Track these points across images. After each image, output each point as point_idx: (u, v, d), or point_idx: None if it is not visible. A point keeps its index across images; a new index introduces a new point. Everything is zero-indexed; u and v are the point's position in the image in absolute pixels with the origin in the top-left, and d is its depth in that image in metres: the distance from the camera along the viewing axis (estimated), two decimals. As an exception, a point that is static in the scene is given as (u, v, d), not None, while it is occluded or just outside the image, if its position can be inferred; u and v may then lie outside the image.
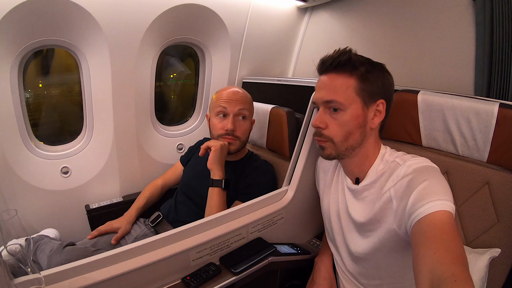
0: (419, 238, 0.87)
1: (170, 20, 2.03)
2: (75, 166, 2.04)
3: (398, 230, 1.05)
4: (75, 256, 1.42)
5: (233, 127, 1.67)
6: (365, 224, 1.19)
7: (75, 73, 2.01)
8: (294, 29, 2.78)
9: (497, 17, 1.57)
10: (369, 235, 1.19)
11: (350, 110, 1.13)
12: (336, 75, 1.14)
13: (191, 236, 1.23)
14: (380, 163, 1.20)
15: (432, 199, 0.91)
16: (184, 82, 2.76)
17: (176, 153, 2.45)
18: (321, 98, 1.15)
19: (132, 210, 1.88)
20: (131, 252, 1.10)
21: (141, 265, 1.09)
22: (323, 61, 1.18)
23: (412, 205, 0.95)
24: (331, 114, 1.14)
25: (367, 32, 2.33)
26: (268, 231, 1.49)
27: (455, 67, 1.81)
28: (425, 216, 0.89)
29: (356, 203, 1.24)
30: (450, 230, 0.85)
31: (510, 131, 1.18)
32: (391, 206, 1.08)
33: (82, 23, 1.77)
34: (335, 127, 1.14)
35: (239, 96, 1.70)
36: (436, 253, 0.79)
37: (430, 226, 0.87)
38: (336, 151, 1.16)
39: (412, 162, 1.08)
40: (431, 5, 1.90)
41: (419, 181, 0.99)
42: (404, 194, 1.02)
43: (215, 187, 1.57)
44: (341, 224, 1.31)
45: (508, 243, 1.21)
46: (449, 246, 0.80)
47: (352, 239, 1.27)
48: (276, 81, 2.32)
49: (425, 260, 0.80)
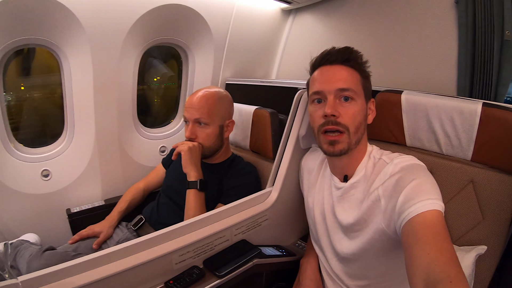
0: (411, 238, 0.87)
1: (153, 20, 2.01)
2: (56, 169, 2.00)
3: (387, 229, 1.05)
4: (54, 261, 1.38)
5: (192, 134, 1.67)
6: (352, 224, 1.19)
7: (57, 74, 1.97)
8: (278, 31, 2.79)
9: (479, 20, 1.60)
10: (356, 235, 1.19)
11: (359, 101, 1.15)
12: (345, 67, 1.16)
13: (174, 239, 1.21)
14: (368, 160, 1.21)
15: (422, 198, 0.91)
16: (168, 85, 2.73)
17: (159, 156, 2.42)
18: (334, 86, 1.13)
19: (114, 213, 1.86)
20: (112, 255, 1.07)
21: (123, 269, 1.06)
22: (329, 53, 1.19)
23: (402, 204, 0.95)
24: (342, 104, 1.14)
25: (350, 34, 2.34)
26: (253, 233, 1.48)
27: (438, 68, 1.84)
28: (416, 215, 0.89)
29: (343, 202, 1.24)
30: (442, 230, 0.85)
31: (494, 130, 1.21)
32: (379, 205, 1.08)
33: (64, 22, 1.73)
34: (348, 116, 1.13)
35: (196, 103, 1.67)
36: (429, 254, 0.79)
37: (422, 226, 0.87)
38: (348, 144, 1.14)
39: (399, 160, 1.09)
40: (414, 8, 1.93)
41: (408, 180, 1.00)
42: (393, 193, 1.02)
43: (191, 189, 1.56)
44: (326, 225, 1.31)
45: (494, 240, 1.23)
46: (442, 246, 0.81)
47: (338, 240, 1.26)
48: (259, 82, 2.32)
49: (418, 261, 0.80)
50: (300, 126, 1.52)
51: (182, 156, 1.60)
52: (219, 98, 1.73)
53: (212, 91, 1.74)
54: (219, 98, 1.73)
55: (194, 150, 1.62)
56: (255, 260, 1.33)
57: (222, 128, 1.74)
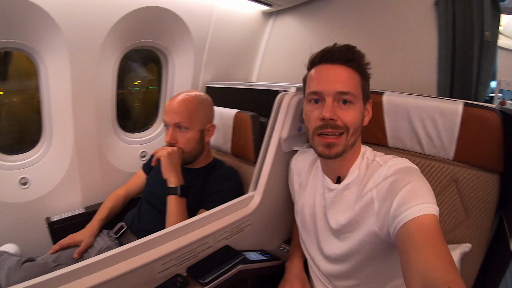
0: (407, 243, 0.87)
1: (132, 23, 1.99)
2: (34, 176, 1.95)
3: (380, 232, 1.05)
4: (34, 273, 1.36)
5: (172, 139, 1.65)
6: (344, 225, 1.18)
7: (35, 78, 1.92)
8: (259, 33, 2.79)
9: (459, 21, 1.63)
10: (346, 237, 1.19)
11: (358, 105, 1.13)
12: (346, 67, 1.13)
13: (156, 247, 1.19)
14: (362, 161, 1.20)
15: (418, 202, 0.91)
16: (148, 89, 2.70)
17: (139, 161, 2.39)
18: (333, 88, 1.09)
19: (95, 222, 1.82)
20: (92, 266, 1.05)
21: (104, 280, 1.04)
22: (331, 51, 1.16)
23: (397, 208, 0.95)
24: (340, 107, 1.11)
25: (331, 36, 2.36)
26: (236, 239, 1.47)
27: (418, 70, 1.87)
28: (412, 219, 0.89)
29: (335, 204, 1.23)
30: (438, 234, 0.85)
31: (475, 129, 1.24)
32: (372, 208, 1.08)
33: (40, 24, 1.69)
34: (346, 119, 1.10)
35: (176, 107, 1.66)
36: (426, 258, 0.79)
37: (418, 230, 0.87)
38: (345, 146, 1.12)
39: (393, 163, 1.09)
40: (394, 9, 1.95)
41: (402, 183, 0.99)
42: (387, 196, 1.02)
43: (172, 195, 1.54)
44: (316, 226, 1.31)
45: (478, 237, 1.26)
46: (439, 251, 0.80)
47: (328, 241, 1.26)
48: (240, 85, 2.31)
49: (416, 266, 0.80)
50: (282, 129, 1.52)
51: (161, 162, 1.57)
52: (199, 102, 1.72)
53: (193, 94, 1.72)
54: (200, 102, 1.72)
55: (174, 155, 1.60)
56: (239, 266, 1.32)
57: (203, 132, 1.72)
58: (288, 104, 1.50)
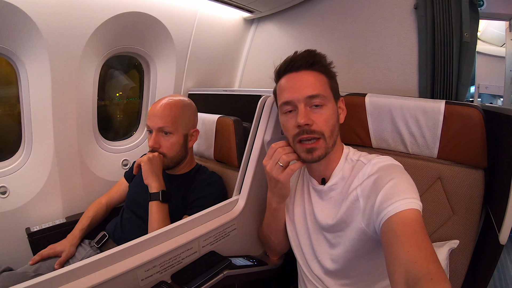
0: (390, 237, 0.88)
1: (113, 28, 1.97)
2: (13, 185, 1.89)
3: (367, 229, 1.07)
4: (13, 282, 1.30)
5: (155, 144, 1.64)
6: (332, 225, 1.20)
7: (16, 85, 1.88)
8: (241, 40, 2.80)
9: (438, 23, 1.65)
10: (337, 236, 1.20)
11: (330, 105, 1.15)
12: (310, 72, 1.16)
13: (138, 253, 1.16)
14: (345, 162, 1.22)
15: (401, 198, 0.93)
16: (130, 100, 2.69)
17: (121, 170, 2.35)
18: (303, 94, 1.12)
19: (76, 231, 1.78)
20: (73, 273, 1.02)
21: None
22: (293, 59, 1.18)
23: (380, 203, 0.97)
24: (313, 111, 1.13)
25: (313, 41, 2.38)
26: (221, 244, 1.45)
27: (399, 72, 1.89)
28: (395, 214, 0.91)
29: (322, 204, 1.25)
30: (420, 228, 0.87)
31: (458, 127, 1.26)
32: (358, 206, 1.10)
33: (20, 27, 1.66)
34: (321, 122, 1.12)
35: (160, 111, 1.64)
36: (409, 252, 0.80)
37: (401, 225, 0.88)
38: (326, 149, 1.14)
39: (377, 161, 1.12)
40: (375, 13, 1.98)
41: (386, 179, 1.01)
42: (371, 193, 1.04)
43: (153, 201, 1.52)
44: (308, 227, 1.32)
45: (466, 233, 1.28)
46: (421, 244, 0.82)
47: (320, 241, 1.27)
48: (222, 91, 2.31)
49: (399, 259, 0.81)
50: (265, 131, 1.52)
51: (142, 167, 1.56)
52: (183, 106, 1.71)
53: (176, 99, 1.71)
54: (184, 106, 1.71)
55: (154, 160, 1.58)
56: (225, 271, 1.29)
57: (186, 137, 1.71)
58: (271, 107, 1.50)
